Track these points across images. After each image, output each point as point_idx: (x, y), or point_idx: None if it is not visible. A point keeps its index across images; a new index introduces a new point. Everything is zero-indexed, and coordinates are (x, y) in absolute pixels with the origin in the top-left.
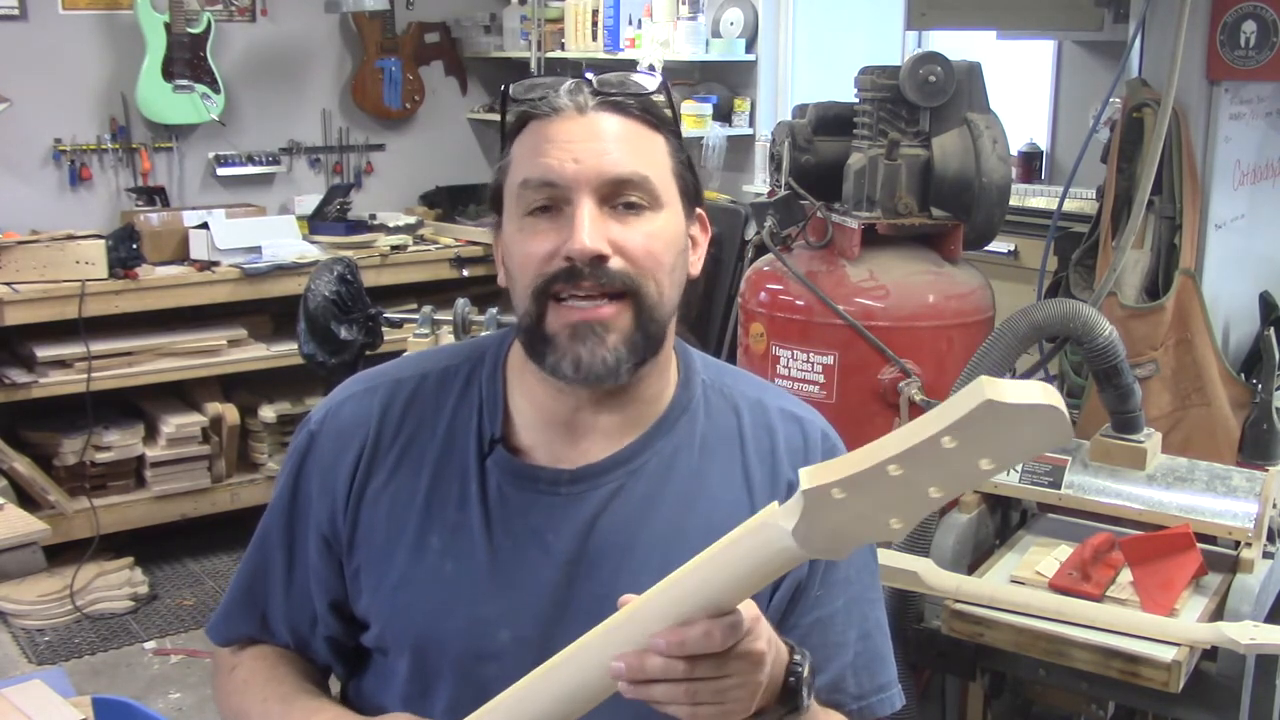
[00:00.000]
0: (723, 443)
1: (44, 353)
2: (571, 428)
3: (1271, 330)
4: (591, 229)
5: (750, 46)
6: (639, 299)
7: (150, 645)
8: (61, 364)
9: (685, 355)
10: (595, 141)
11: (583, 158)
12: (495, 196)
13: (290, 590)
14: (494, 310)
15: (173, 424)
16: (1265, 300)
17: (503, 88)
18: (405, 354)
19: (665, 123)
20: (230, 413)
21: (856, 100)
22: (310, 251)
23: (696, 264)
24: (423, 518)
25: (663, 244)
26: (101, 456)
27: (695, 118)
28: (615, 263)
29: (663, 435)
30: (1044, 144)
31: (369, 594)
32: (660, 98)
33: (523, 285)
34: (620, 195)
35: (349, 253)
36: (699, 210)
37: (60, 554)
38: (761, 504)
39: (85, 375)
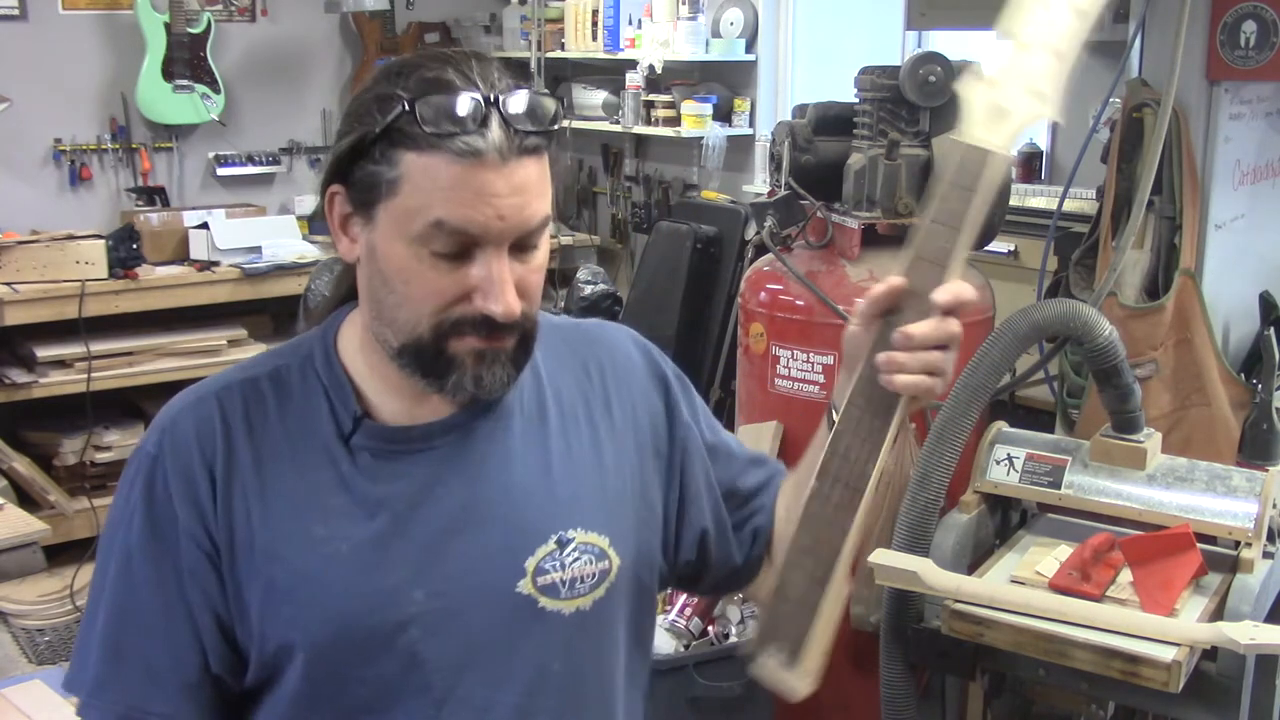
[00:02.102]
0: (561, 365)
1: (44, 353)
2: (423, 394)
3: (1271, 330)
4: (512, 292)
5: (750, 46)
6: (527, 328)
7: None
8: (61, 364)
9: None
10: (517, 195)
11: (507, 214)
12: (365, 183)
13: (171, 626)
14: None
15: None
16: (1265, 300)
17: (397, 96)
18: (212, 374)
19: (556, 142)
20: None
21: (856, 100)
22: (310, 251)
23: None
24: (300, 512)
25: (543, 272)
26: (101, 456)
27: (695, 118)
28: (521, 307)
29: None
30: (1044, 144)
31: (260, 605)
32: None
33: (415, 313)
34: (527, 241)
35: None
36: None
37: (60, 554)
38: (618, 404)
39: (85, 375)
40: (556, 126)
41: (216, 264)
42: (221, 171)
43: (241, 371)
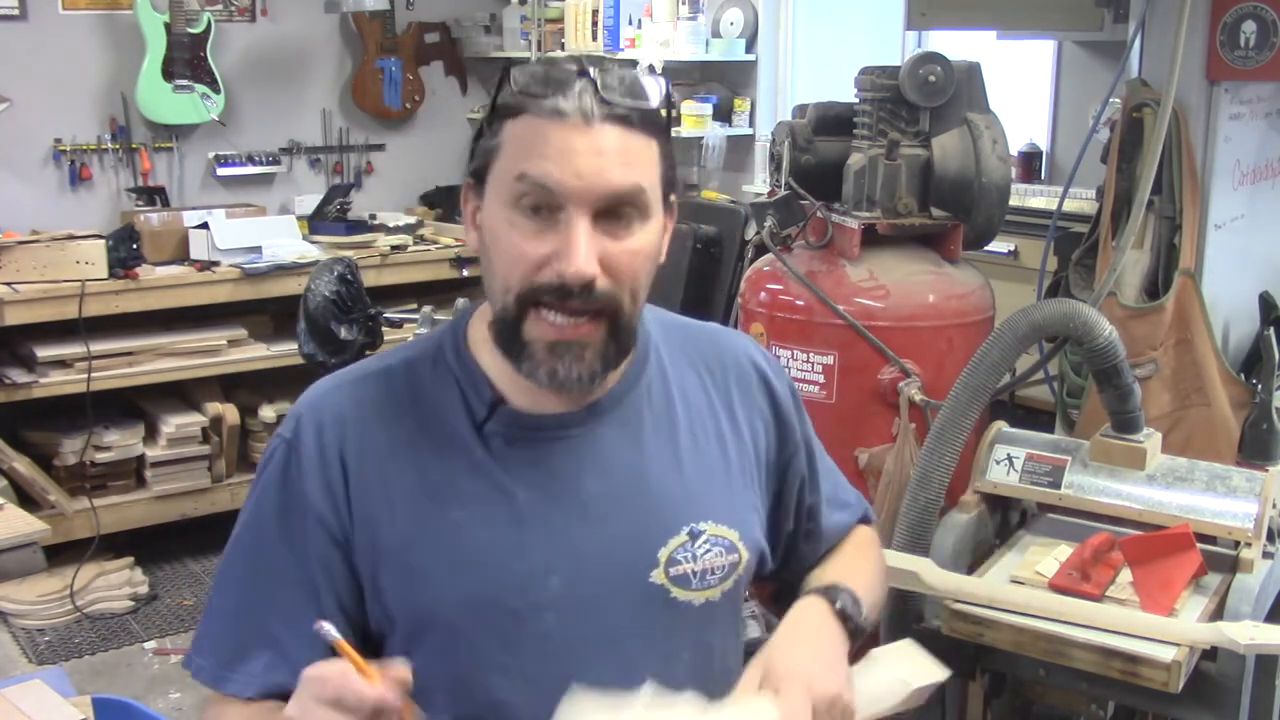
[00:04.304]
0: (687, 363)
1: (44, 353)
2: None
3: (1271, 330)
4: (587, 252)
5: (750, 46)
6: (617, 315)
7: (150, 645)
8: (61, 364)
9: None
10: (597, 157)
11: (584, 173)
12: (479, 159)
13: (298, 609)
14: None
15: (173, 424)
16: (1265, 300)
17: (505, 68)
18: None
19: (661, 129)
20: (230, 413)
21: (856, 100)
22: (310, 251)
23: (663, 250)
24: (437, 497)
25: (644, 257)
26: (101, 456)
27: (695, 118)
28: (601, 283)
29: (641, 370)
30: (1044, 144)
31: (397, 587)
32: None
33: (505, 280)
34: (614, 209)
35: (349, 253)
36: (673, 196)
37: (60, 554)
38: (740, 407)
39: (85, 375)
40: (654, 105)
41: (216, 264)
42: (221, 171)
43: (378, 361)
